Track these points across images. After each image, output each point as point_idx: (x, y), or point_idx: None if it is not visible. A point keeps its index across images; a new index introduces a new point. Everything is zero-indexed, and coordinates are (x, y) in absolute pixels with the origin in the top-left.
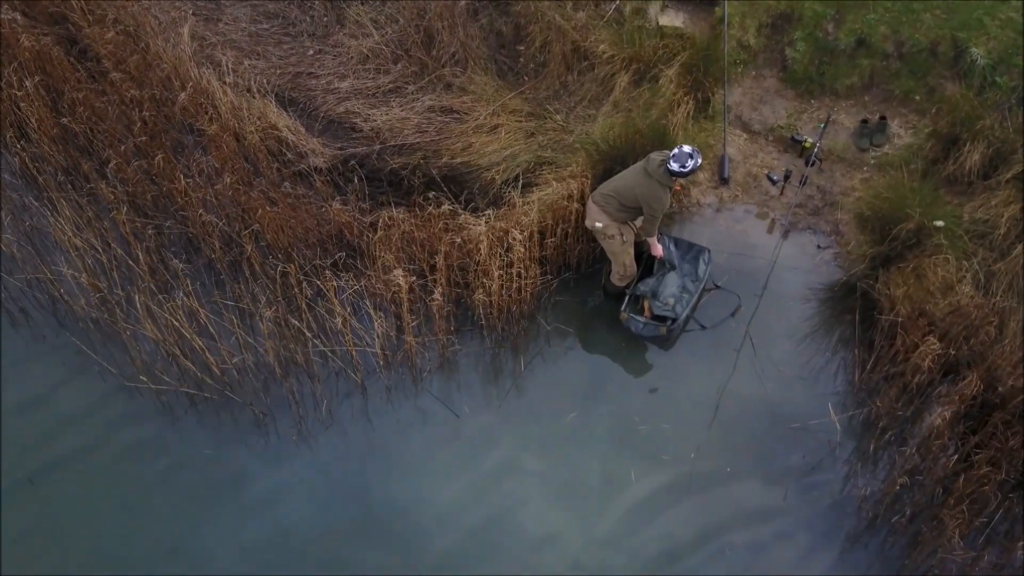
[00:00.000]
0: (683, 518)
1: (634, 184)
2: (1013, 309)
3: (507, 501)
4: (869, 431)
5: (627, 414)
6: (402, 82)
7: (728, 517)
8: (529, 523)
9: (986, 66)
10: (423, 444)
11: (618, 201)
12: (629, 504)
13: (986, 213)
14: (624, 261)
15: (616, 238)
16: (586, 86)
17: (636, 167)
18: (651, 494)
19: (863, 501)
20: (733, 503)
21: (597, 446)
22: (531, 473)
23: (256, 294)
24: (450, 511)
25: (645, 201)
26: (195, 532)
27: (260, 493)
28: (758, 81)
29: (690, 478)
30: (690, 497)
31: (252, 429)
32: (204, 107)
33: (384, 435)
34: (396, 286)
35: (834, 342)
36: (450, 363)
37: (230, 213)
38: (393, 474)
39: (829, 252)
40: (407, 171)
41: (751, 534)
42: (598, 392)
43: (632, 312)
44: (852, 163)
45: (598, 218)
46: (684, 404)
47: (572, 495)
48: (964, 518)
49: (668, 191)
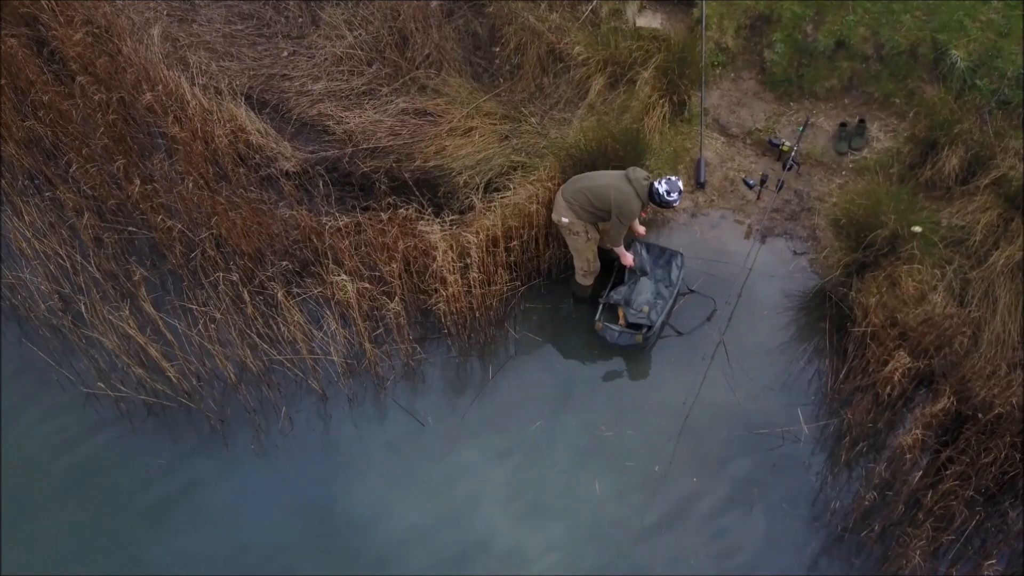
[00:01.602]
0: (647, 530)
1: (611, 188)
2: (988, 319)
3: (469, 515)
4: (840, 443)
5: (594, 423)
6: (376, 84)
7: (693, 529)
8: (491, 537)
9: (966, 69)
10: (386, 455)
11: (588, 200)
12: (592, 516)
13: (963, 219)
14: (587, 257)
15: (581, 235)
16: (561, 88)
17: (616, 172)
18: (615, 505)
19: (832, 515)
20: (699, 514)
21: (562, 456)
22: (495, 485)
23: (215, 301)
24: (412, 525)
25: (618, 208)
26: (150, 544)
27: (216, 504)
28: (736, 84)
29: (655, 489)
30: (655, 508)
31: (210, 438)
32: (172, 110)
33: (345, 445)
34: (345, 293)
35: (808, 351)
36: (415, 372)
37: (194, 218)
38: (354, 486)
39: (805, 258)
40: (378, 175)
41: (716, 546)
42: (566, 401)
43: (607, 321)
44: (830, 167)
45: (564, 214)
46: (653, 413)
47: (536, 507)
48: (930, 535)
49: (640, 208)
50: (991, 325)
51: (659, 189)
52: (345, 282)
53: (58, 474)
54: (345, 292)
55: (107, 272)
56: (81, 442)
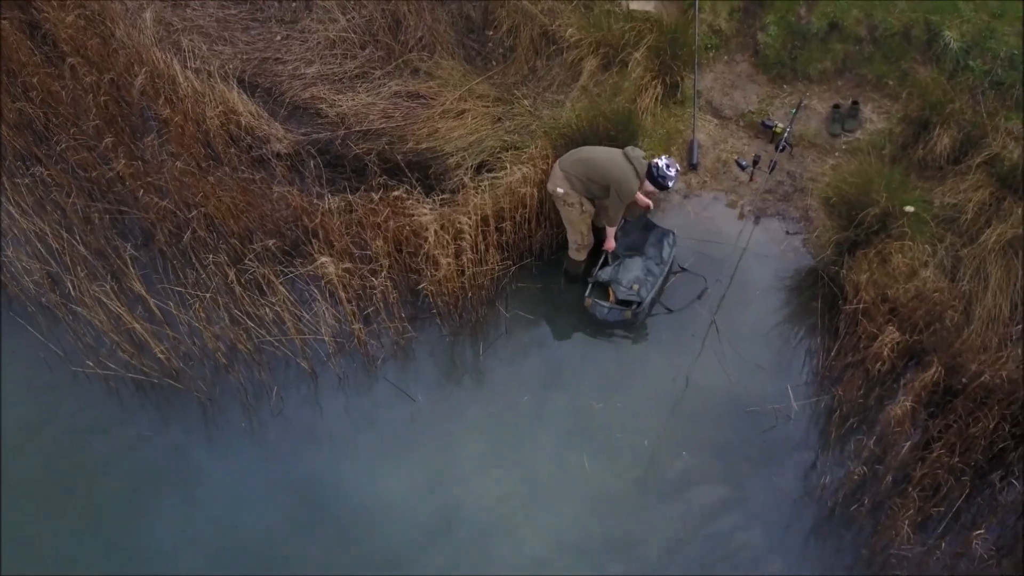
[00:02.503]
0: (635, 504)
1: (610, 164)
2: (979, 296)
3: (459, 491)
4: (830, 419)
5: (584, 399)
6: (369, 67)
7: (683, 504)
8: (480, 513)
9: (959, 50)
10: (375, 432)
11: (586, 173)
12: (581, 491)
13: (955, 198)
14: (581, 230)
15: (575, 207)
16: (554, 71)
17: (615, 150)
18: (604, 480)
19: (823, 490)
20: (688, 490)
21: (552, 432)
22: (485, 461)
23: (204, 281)
24: (401, 502)
25: (617, 184)
26: (139, 522)
27: (206, 483)
28: (730, 66)
29: (644, 464)
30: (644, 483)
31: (199, 417)
32: (163, 91)
33: (335, 423)
34: (329, 273)
35: (799, 330)
36: (405, 350)
37: (184, 198)
38: (343, 463)
39: (798, 238)
40: (370, 157)
41: (706, 521)
42: (556, 377)
43: (597, 298)
44: (823, 149)
45: (560, 184)
46: (643, 389)
47: (526, 483)
48: (918, 506)
49: (637, 186)
50: (982, 301)
51: (658, 164)
52: (333, 262)
53: (45, 451)
54: (332, 271)
55: (96, 251)
56: (69, 420)
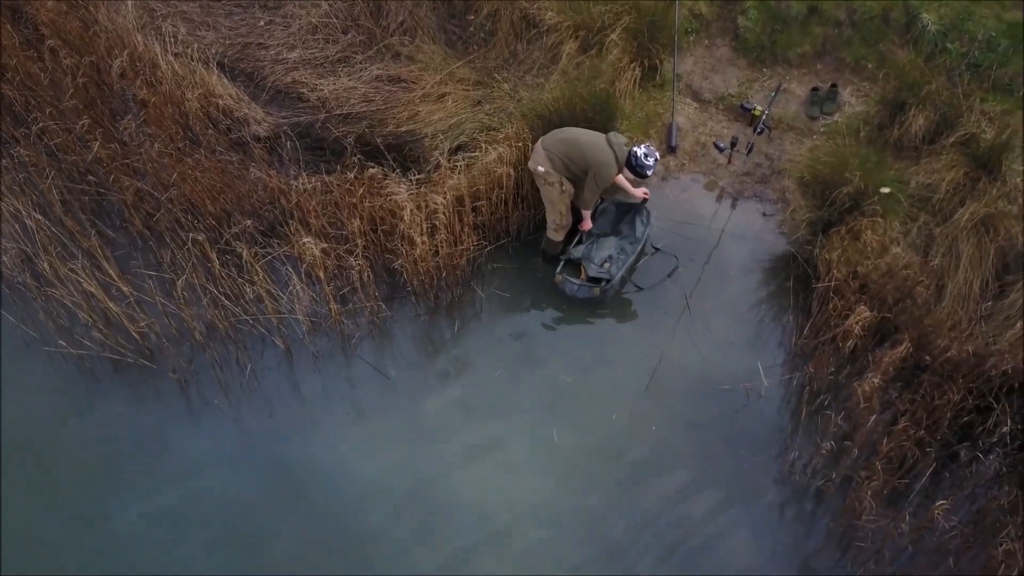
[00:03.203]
0: (605, 477)
1: (593, 148)
2: (951, 274)
3: (430, 464)
4: (801, 396)
5: (557, 375)
6: (350, 52)
7: (651, 479)
8: (450, 486)
9: (937, 32)
10: (349, 408)
11: (567, 154)
12: (551, 464)
13: (929, 177)
14: (560, 209)
15: (555, 186)
16: (535, 55)
17: (599, 134)
18: (573, 454)
19: (792, 465)
20: (657, 464)
21: (524, 406)
22: (456, 435)
23: (180, 260)
24: (374, 477)
25: (596, 168)
26: (111, 496)
27: (179, 459)
28: (710, 50)
29: (613, 438)
30: (613, 457)
31: (174, 394)
32: (143, 74)
33: (309, 400)
34: (307, 253)
35: (773, 309)
36: (380, 330)
37: (162, 179)
38: (317, 440)
39: (774, 220)
40: (349, 140)
41: (675, 495)
42: (531, 354)
43: (567, 275)
44: (802, 131)
45: (541, 163)
46: (616, 366)
47: (496, 456)
48: (883, 480)
49: (616, 172)
50: (954, 279)
51: (638, 153)
52: (310, 242)
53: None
54: (309, 251)
55: (72, 232)
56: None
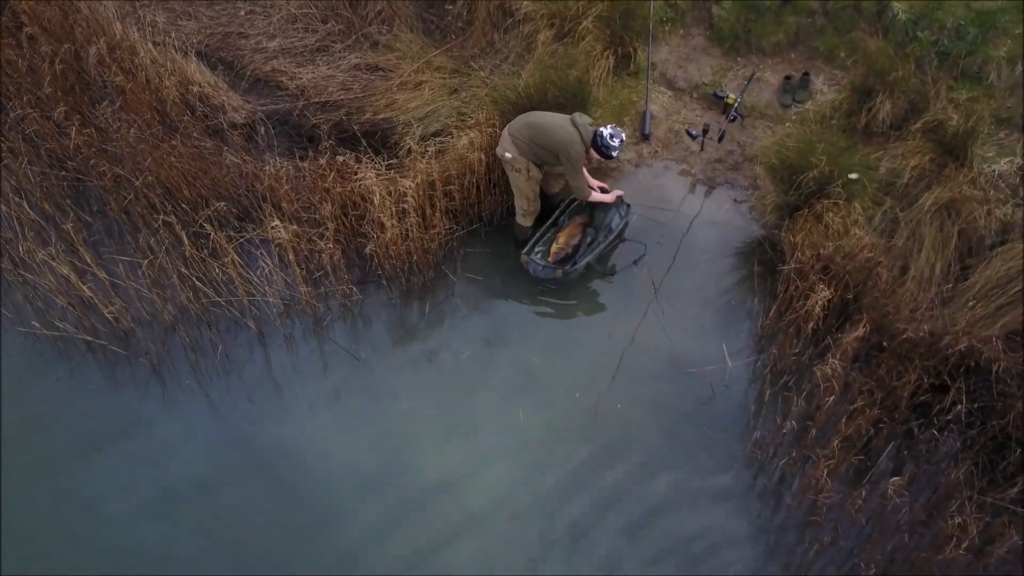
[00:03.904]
0: (569, 456)
1: (557, 129)
2: (914, 257)
3: (399, 444)
4: (765, 377)
5: (526, 356)
6: (329, 41)
7: (614, 459)
8: (417, 464)
9: (907, 21)
10: (319, 389)
11: (532, 138)
12: (516, 443)
13: (895, 162)
14: (527, 195)
15: (522, 172)
16: (511, 43)
17: (562, 116)
18: (538, 433)
19: (755, 445)
20: (621, 444)
21: (492, 386)
22: (425, 415)
23: (154, 244)
24: (341, 455)
25: (563, 149)
26: (82, 473)
27: (151, 438)
28: (686, 40)
29: (579, 417)
30: (578, 436)
31: (147, 374)
32: (121, 62)
33: (280, 381)
34: (280, 236)
35: (742, 292)
36: (351, 312)
37: (138, 164)
38: (286, 419)
39: (745, 206)
40: (327, 127)
41: (638, 475)
42: (500, 336)
43: (532, 257)
44: (774, 119)
45: (508, 149)
46: (584, 348)
47: (463, 435)
48: (840, 458)
49: (583, 153)
50: (916, 263)
51: (604, 133)
52: (279, 225)
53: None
54: (282, 234)
55: (48, 217)
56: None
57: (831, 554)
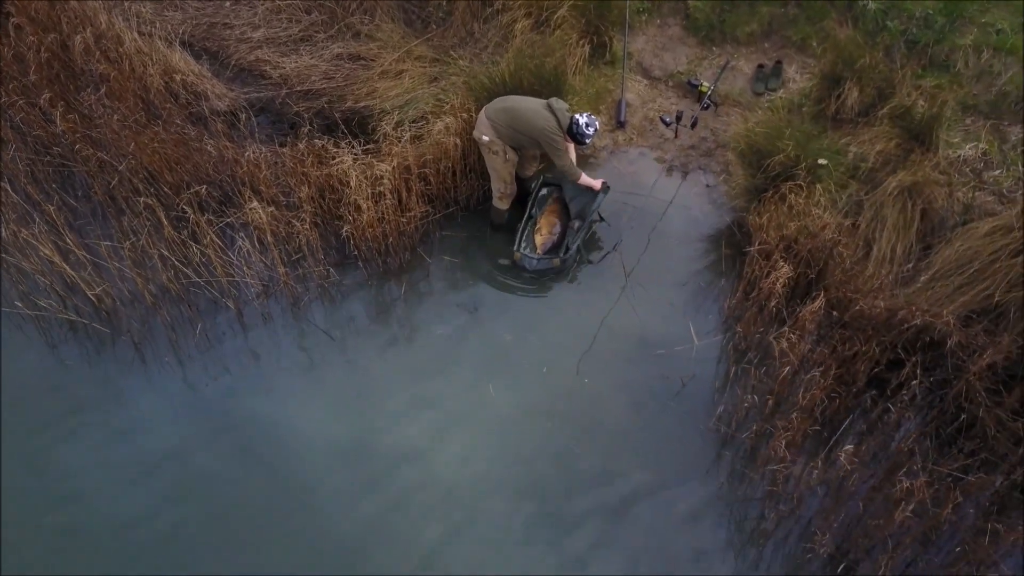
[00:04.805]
0: (537, 429)
1: (533, 115)
2: (876, 238)
3: (370, 417)
4: (731, 354)
5: (498, 334)
6: (312, 31)
7: (580, 432)
8: (390, 438)
9: (877, 11)
10: (295, 366)
11: (510, 123)
12: (487, 417)
13: (862, 148)
14: (504, 178)
15: (499, 155)
16: (490, 33)
17: (538, 100)
18: (507, 408)
19: (719, 419)
20: (587, 418)
21: (463, 363)
22: (398, 391)
23: (137, 227)
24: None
25: (541, 134)
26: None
27: (131, 412)
28: (662, 30)
29: (548, 393)
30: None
31: (128, 353)
32: (107, 51)
33: (257, 358)
34: (258, 219)
35: (712, 274)
36: (329, 293)
37: (121, 149)
38: (262, 394)
39: (717, 191)
40: (308, 114)
41: (603, 449)
42: (474, 316)
43: (524, 252)
44: (747, 107)
45: (486, 132)
46: (556, 327)
47: (435, 410)
48: (796, 429)
49: (563, 135)
50: (879, 244)
51: (579, 120)
52: (256, 207)
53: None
54: (257, 216)
55: (33, 200)
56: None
57: (790, 524)
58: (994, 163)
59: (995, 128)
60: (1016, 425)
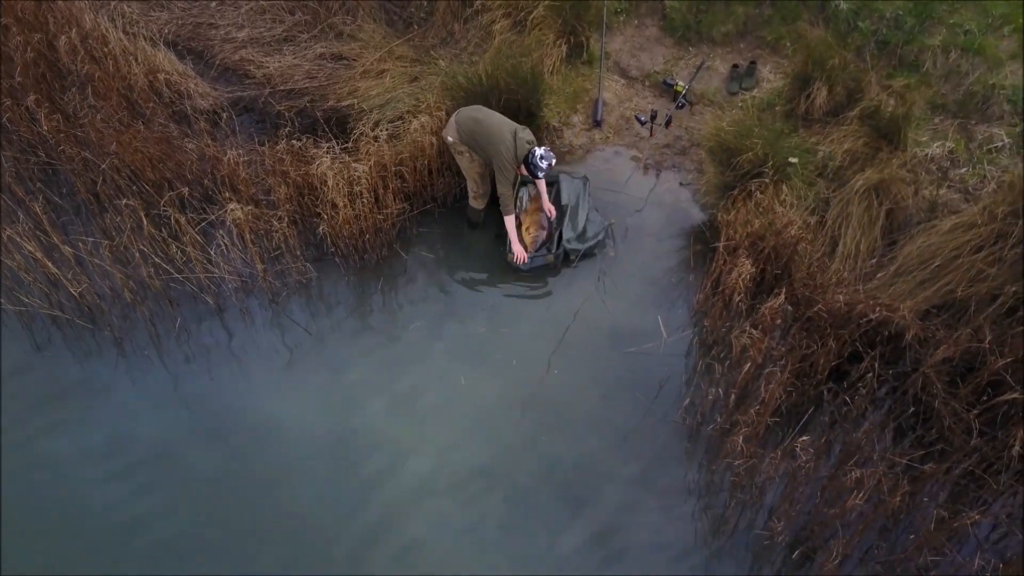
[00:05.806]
0: (508, 419)
1: (496, 136)
2: (842, 235)
3: (347, 409)
4: (697, 349)
5: (472, 327)
6: (296, 31)
7: (550, 424)
8: (365, 429)
9: (849, 11)
10: (273, 360)
11: (472, 133)
12: (460, 408)
13: (830, 146)
14: (474, 178)
15: (465, 155)
16: (471, 34)
17: (509, 124)
18: (480, 398)
19: (684, 413)
20: (557, 410)
21: (437, 355)
22: (374, 382)
23: (119, 225)
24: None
25: (498, 157)
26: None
27: (112, 405)
28: (640, 30)
29: (518, 383)
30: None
31: (110, 347)
32: (92, 50)
33: (236, 353)
34: (237, 217)
35: (682, 270)
36: (307, 289)
37: (106, 149)
38: (241, 388)
39: (691, 189)
40: (290, 114)
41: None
42: (449, 309)
43: None
44: (722, 106)
45: (451, 133)
46: (529, 321)
47: (409, 400)
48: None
49: (516, 166)
50: (844, 240)
51: (536, 151)
52: (235, 206)
53: None
54: (239, 215)
55: (18, 199)
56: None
57: (750, 514)
58: (960, 161)
59: (963, 127)
60: (969, 416)
